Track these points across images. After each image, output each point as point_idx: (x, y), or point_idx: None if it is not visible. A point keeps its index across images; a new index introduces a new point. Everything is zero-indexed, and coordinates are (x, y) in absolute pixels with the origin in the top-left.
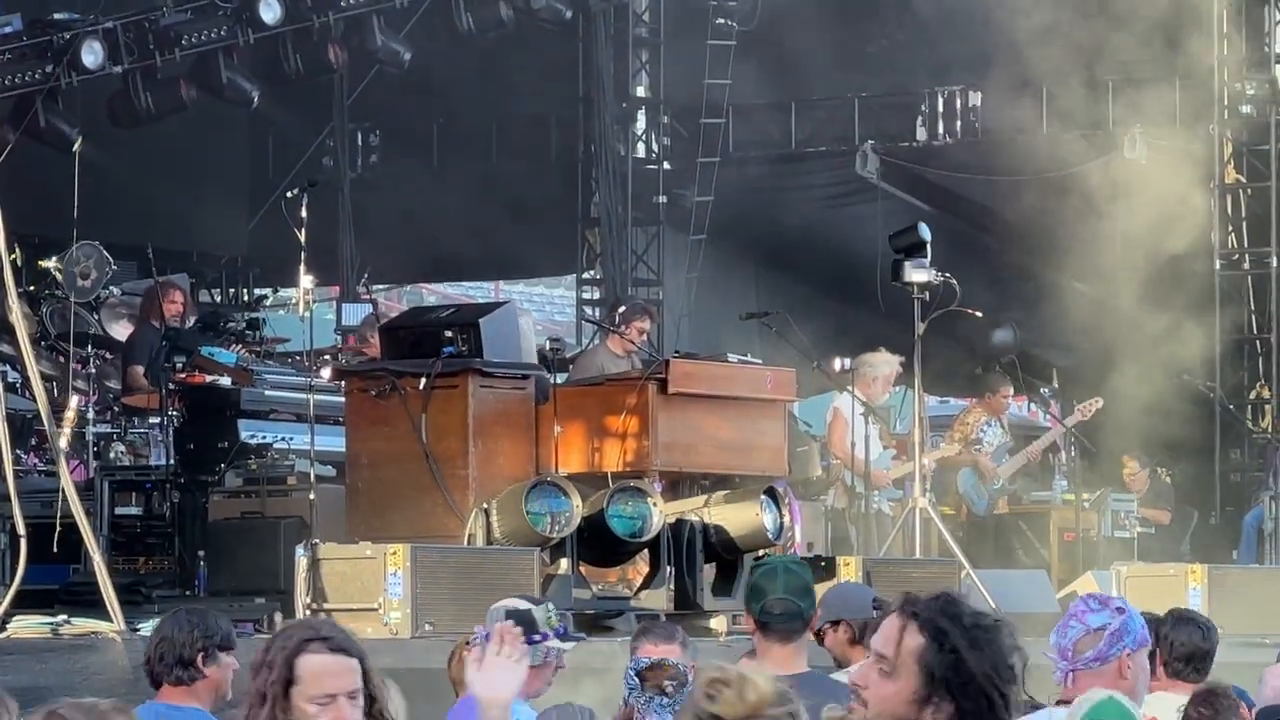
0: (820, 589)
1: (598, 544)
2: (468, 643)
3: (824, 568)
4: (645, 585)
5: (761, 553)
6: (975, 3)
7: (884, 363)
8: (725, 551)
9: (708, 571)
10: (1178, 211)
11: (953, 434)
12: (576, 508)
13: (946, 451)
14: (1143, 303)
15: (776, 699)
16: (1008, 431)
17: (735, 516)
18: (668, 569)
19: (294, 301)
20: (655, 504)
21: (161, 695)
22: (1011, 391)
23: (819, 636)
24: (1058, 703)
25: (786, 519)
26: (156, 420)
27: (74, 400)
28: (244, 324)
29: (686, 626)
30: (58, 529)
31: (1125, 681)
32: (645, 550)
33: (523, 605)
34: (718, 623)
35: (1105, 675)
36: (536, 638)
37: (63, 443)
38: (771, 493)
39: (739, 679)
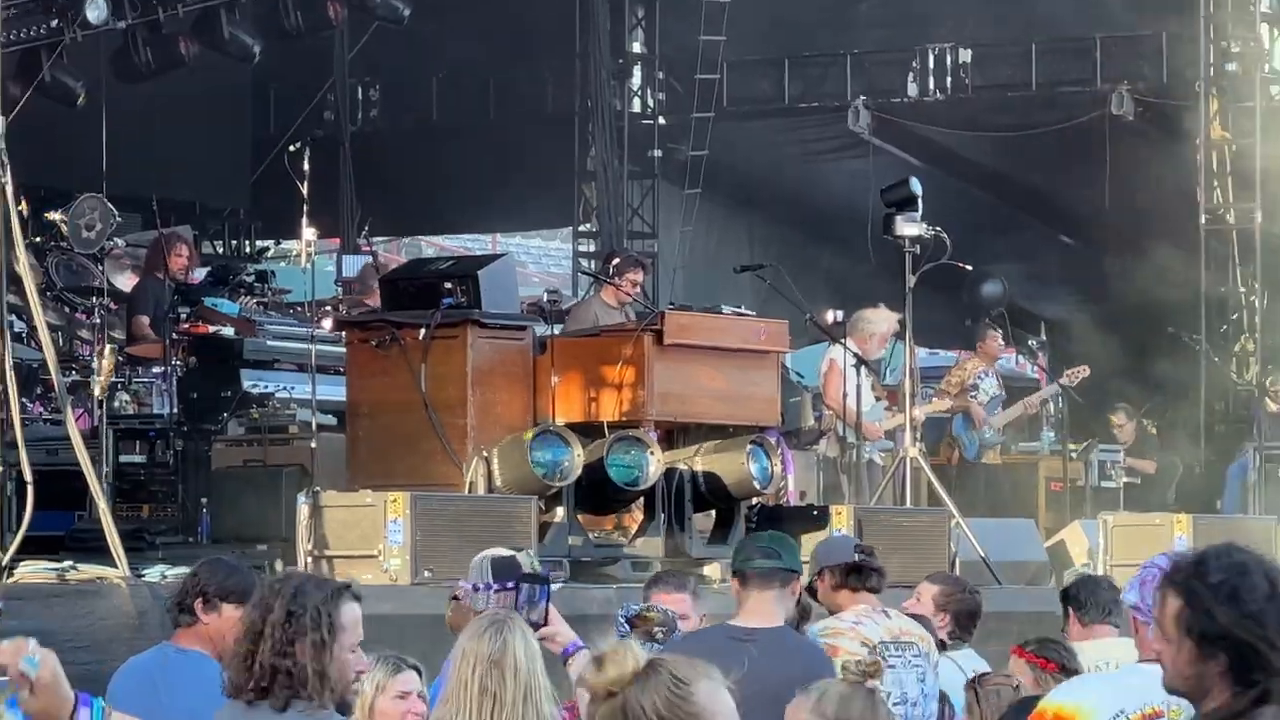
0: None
1: (595, 492)
2: (455, 596)
3: (816, 517)
4: (640, 533)
5: (754, 502)
6: None
7: (883, 319)
8: (715, 499)
9: (699, 520)
10: (1164, 168)
11: (949, 379)
12: (578, 457)
13: (938, 405)
14: (1129, 257)
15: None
16: (1002, 385)
17: (724, 465)
18: (661, 517)
19: (295, 253)
20: (653, 453)
21: (175, 638)
22: (1001, 342)
23: (812, 592)
24: (1143, 658)
25: (777, 468)
26: (160, 370)
27: (108, 350)
28: (253, 276)
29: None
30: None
31: None
32: (640, 499)
33: (505, 553)
34: (711, 570)
35: None
36: (511, 584)
37: (97, 391)
38: (761, 442)
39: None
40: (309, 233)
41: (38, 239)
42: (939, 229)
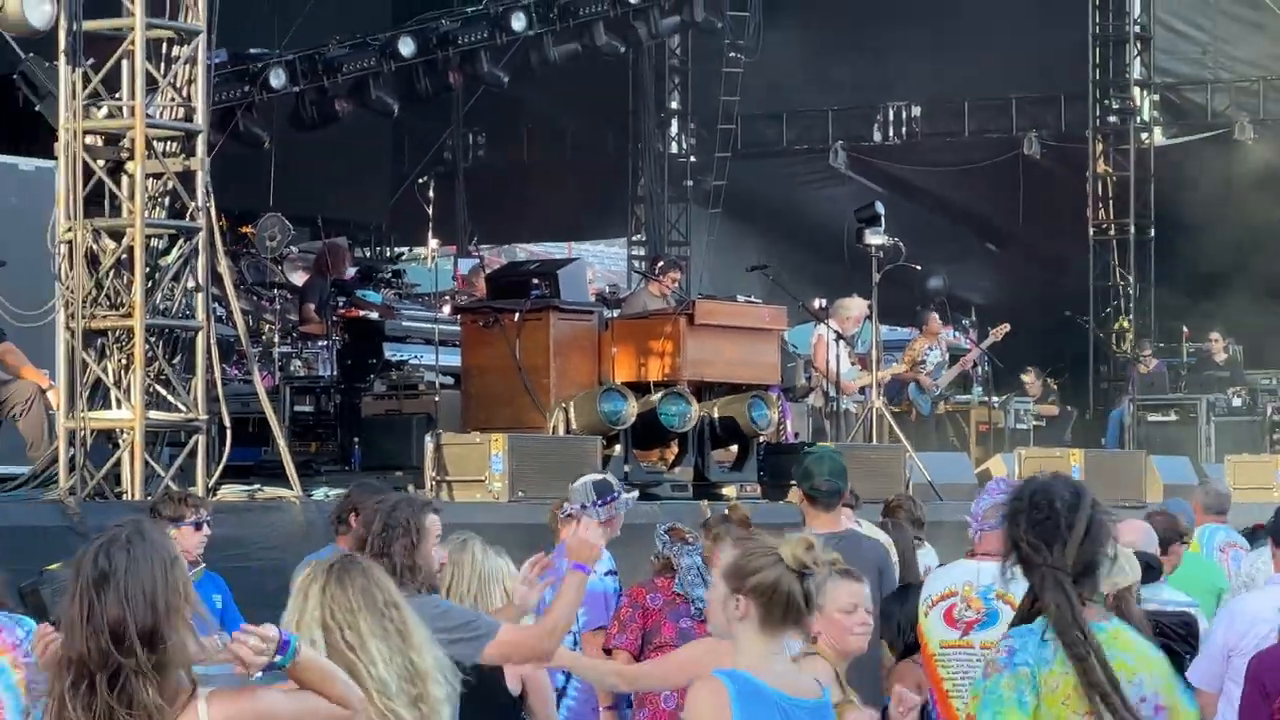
0: None
1: (645, 433)
2: (561, 506)
3: (807, 452)
4: (676, 463)
5: (761, 440)
6: (916, 39)
7: (856, 305)
8: (730, 438)
9: (719, 454)
10: (1063, 194)
11: (905, 356)
12: (632, 408)
13: (896, 369)
14: (1037, 259)
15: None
16: (945, 353)
17: (735, 413)
18: (691, 451)
19: (423, 257)
20: (692, 405)
21: (337, 542)
22: (940, 322)
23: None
24: (968, 554)
25: (775, 415)
26: (324, 343)
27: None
28: (391, 274)
29: (705, 493)
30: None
31: None
32: (677, 438)
33: (598, 477)
34: (729, 490)
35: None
36: (612, 496)
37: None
38: (763, 396)
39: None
40: (433, 242)
41: (233, 246)
42: (896, 239)
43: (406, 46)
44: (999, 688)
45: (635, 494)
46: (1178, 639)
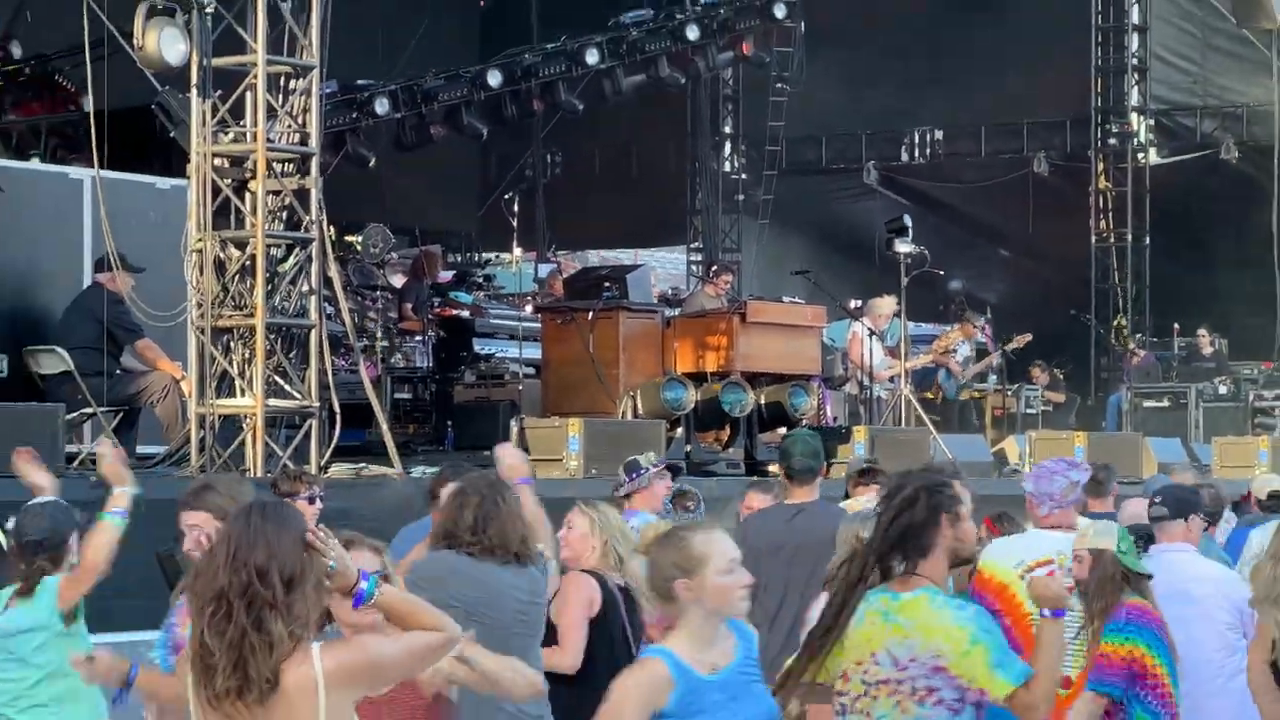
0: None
1: (704, 417)
2: (617, 488)
3: (844, 434)
4: (729, 444)
5: (803, 423)
6: (939, 70)
7: (886, 304)
8: (775, 422)
9: (766, 436)
10: (1069, 207)
11: (938, 343)
12: (692, 395)
13: (923, 360)
14: (1046, 265)
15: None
16: (973, 350)
17: (780, 399)
18: (742, 434)
19: (508, 262)
20: (748, 393)
21: (432, 515)
22: (975, 326)
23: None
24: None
25: (814, 401)
26: (421, 339)
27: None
28: (480, 277)
29: (753, 469)
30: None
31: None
32: (730, 422)
33: (631, 458)
34: (774, 468)
35: (1072, 511)
36: (639, 472)
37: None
38: (804, 385)
39: None
40: (516, 249)
41: (342, 253)
42: (922, 247)
43: (494, 78)
44: None
45: (663, 466)
46: None
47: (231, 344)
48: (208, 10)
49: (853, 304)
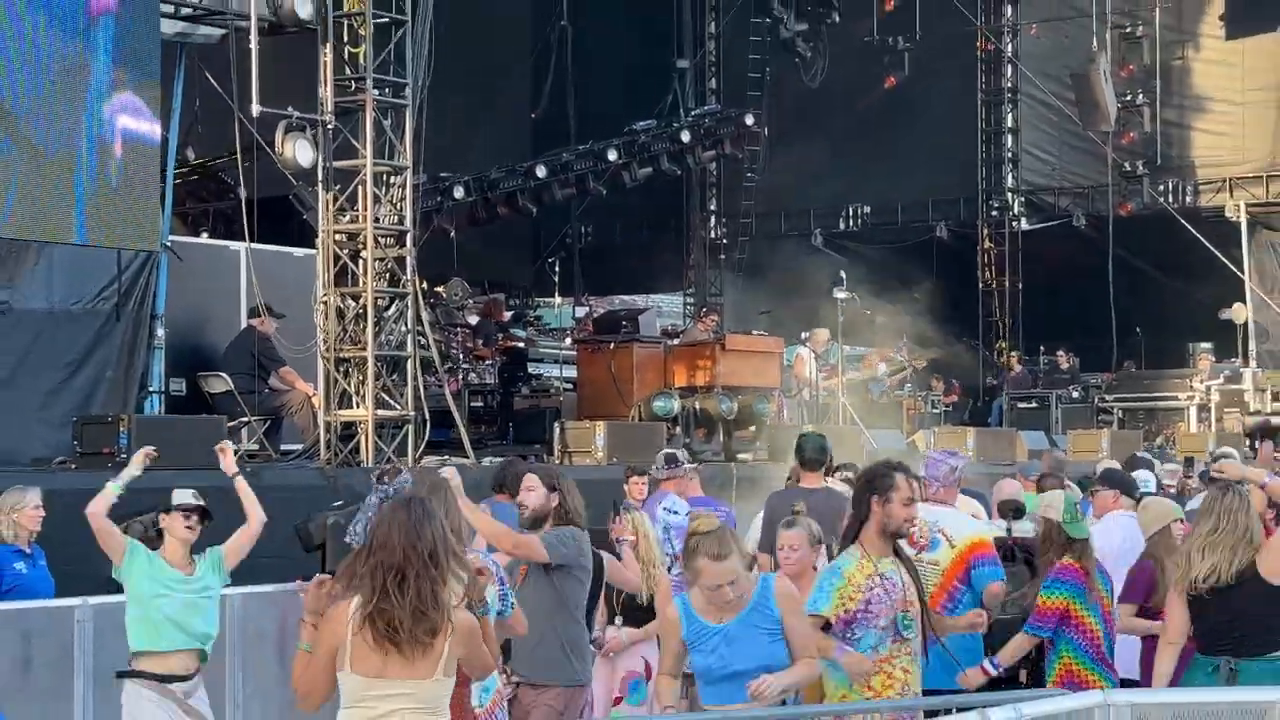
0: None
1: (701, 419)
2: (637, 472)
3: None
4: (709, 439)
5: (767, 423)
6: (868, 158)
7: (823, 334)
8: (745, 422)
9: (741, 433)
10: (962, 261)
11: (866, 360)
12: (677, 404)
13: (853, 376)
14: (945, 304)
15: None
16: (889, 368)
17: (746, 405)
18: (719, 432)
19: (553, 306)
20: (734, 401)
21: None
22: (900, 346)
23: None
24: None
25: (774, 407)
26: (490, 363)
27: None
28: (533, 318)
29: (731, 458)
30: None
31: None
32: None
33: (669, 451)
34: (745, 455)
35: (955, 490)
36: (676, 464)
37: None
38: (765, 395)
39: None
40: (559, 297)
41: (430, 300)
42: (853, 293)
43: (541, 170)
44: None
45: (696, 464)
46: (1024, 562)
47: (349, 370)
48: (330, 127)
49: (801, 335)
